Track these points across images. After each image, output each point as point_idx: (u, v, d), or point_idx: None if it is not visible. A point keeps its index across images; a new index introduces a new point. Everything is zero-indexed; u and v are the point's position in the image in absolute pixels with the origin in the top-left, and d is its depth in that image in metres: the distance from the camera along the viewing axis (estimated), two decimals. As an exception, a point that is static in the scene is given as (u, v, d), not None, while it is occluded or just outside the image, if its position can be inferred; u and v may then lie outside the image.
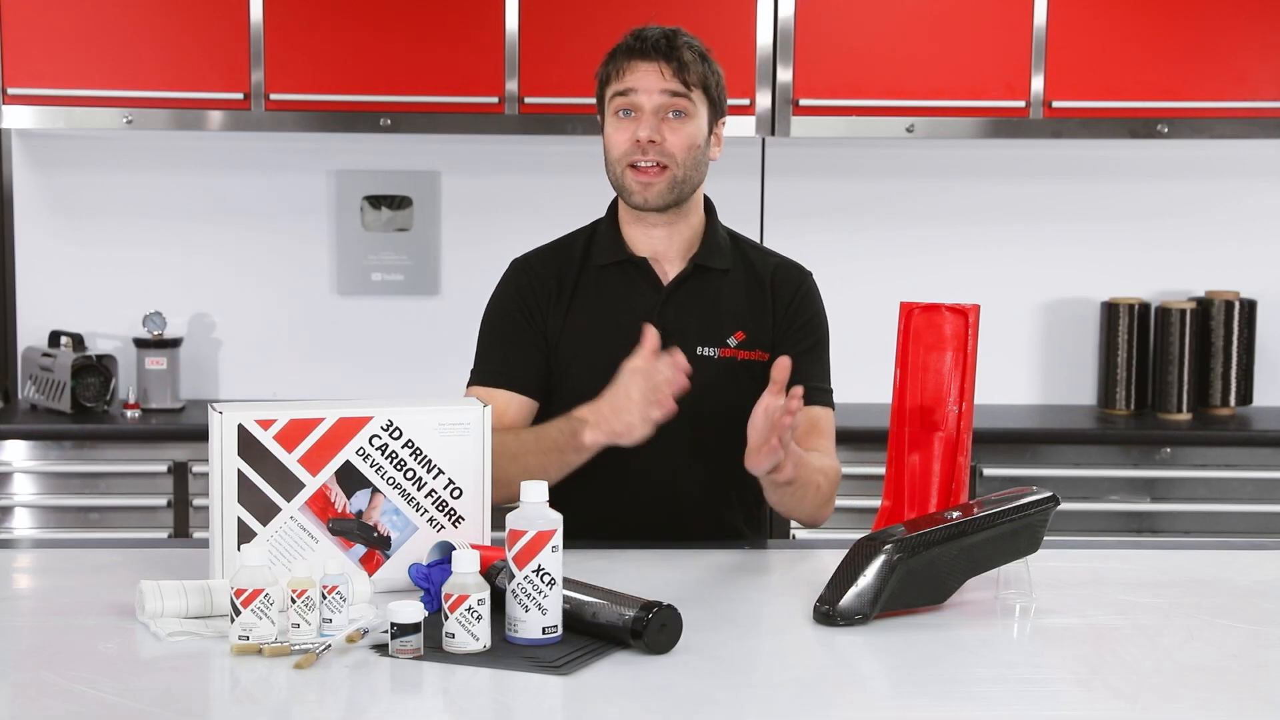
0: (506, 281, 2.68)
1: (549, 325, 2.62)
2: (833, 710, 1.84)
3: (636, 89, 2.54)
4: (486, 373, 2.63)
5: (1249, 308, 4.36)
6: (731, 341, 2.61)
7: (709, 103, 2.59)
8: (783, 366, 2.31)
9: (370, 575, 2.20)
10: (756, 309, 2.64)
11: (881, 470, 2.50)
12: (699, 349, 2.58)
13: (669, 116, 2.55)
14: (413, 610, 1.94)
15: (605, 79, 2.59)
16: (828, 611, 2.10)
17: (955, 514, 2.20)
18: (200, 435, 3.03)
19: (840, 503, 2.56)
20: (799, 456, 2.38)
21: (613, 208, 2.68)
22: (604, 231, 2.67)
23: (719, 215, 2.70)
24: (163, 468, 4.00)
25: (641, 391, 2.36)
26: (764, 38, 4.06)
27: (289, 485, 2.17)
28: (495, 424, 2.53)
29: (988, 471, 4.01)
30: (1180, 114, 4.11)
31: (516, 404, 2.59)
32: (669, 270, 2.63)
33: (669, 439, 2.50)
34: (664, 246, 2.63)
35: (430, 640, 1.96)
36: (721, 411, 2.53)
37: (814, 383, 2.61)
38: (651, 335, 2.39)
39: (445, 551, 2.13)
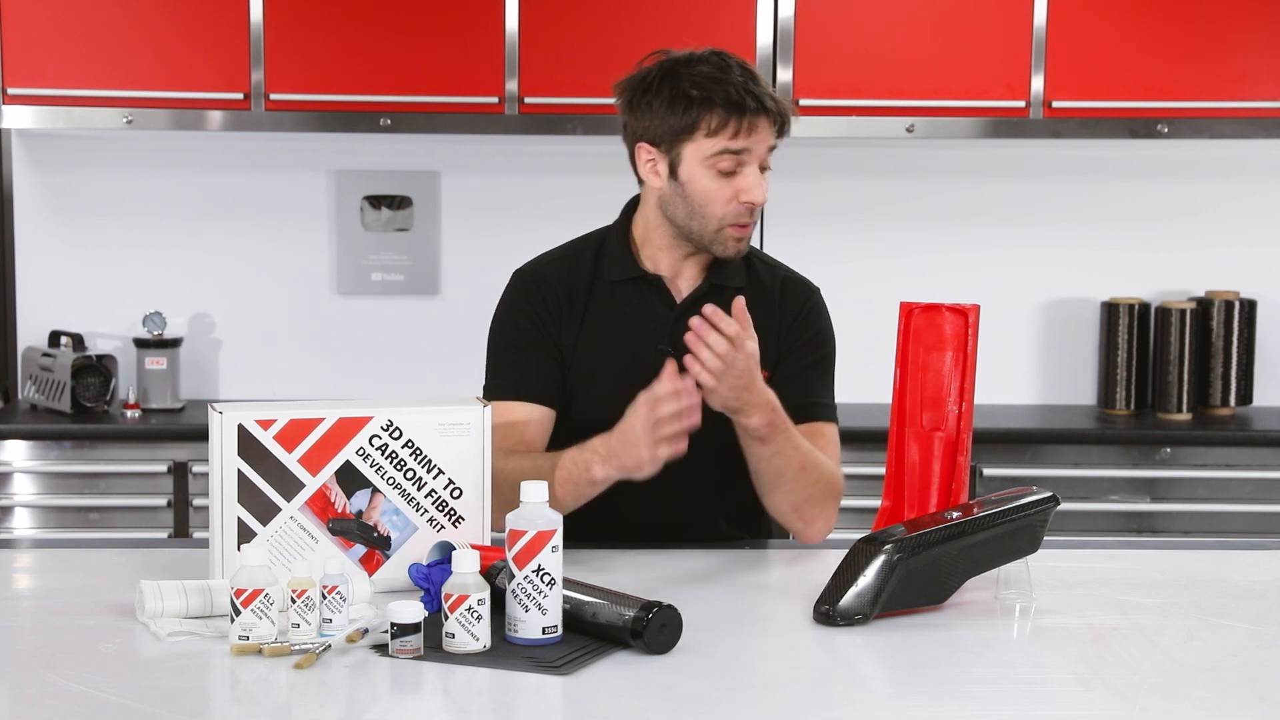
0: (513, 292, 2.60)
1: (563, 340, 2.55)
2: (833, 710, 1.84)
3: (752, 149, 2.43)
4: (502, 386, 2.54)
5: (1249, 308, 4.36)
6: None
7: None
8: (739, 307, 2.31)
9: (370, 575, 2.20)
10: (763, 326, 2.54)
11: (881, 470, 2.50)
12: None
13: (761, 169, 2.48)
14: (413, 610, 1.94)
15: (706, 127, 2.42)
16: (828, 611, 2.10)
17: (955, 514, 2.20)
18: (200, 435, 3.04)
19: (840, 502, 2.55)
20: (775, 407, 2.37)
21: (625, 221, 2.59)
22: (614, 244, 2.58)
23: None
24: (163, 468, 4.00)
25: (644, 424, 2.26)
26: (764, 38, 4.06)
27: (289, 485, 2.17)
28: (517, 439, 2.50)
29: (988, 471, 4.01)
30: (1180, 114, 4.11)
31: (539, 416, 2.51)
32: (683, 288, 2.57)
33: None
34: (680, 265, 2.57)
35: (430, 640, 1.96)
36: (720, 426, 2.51)
37: (818, 399, 2.58)
38: (670, 367, 2.29)
39: (445, 551, 2.13)
